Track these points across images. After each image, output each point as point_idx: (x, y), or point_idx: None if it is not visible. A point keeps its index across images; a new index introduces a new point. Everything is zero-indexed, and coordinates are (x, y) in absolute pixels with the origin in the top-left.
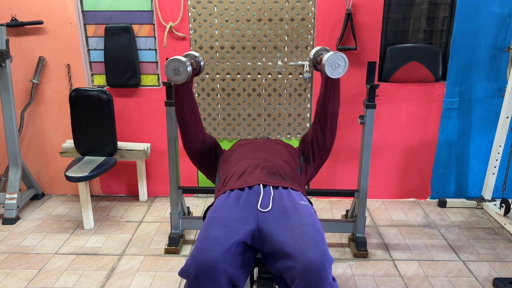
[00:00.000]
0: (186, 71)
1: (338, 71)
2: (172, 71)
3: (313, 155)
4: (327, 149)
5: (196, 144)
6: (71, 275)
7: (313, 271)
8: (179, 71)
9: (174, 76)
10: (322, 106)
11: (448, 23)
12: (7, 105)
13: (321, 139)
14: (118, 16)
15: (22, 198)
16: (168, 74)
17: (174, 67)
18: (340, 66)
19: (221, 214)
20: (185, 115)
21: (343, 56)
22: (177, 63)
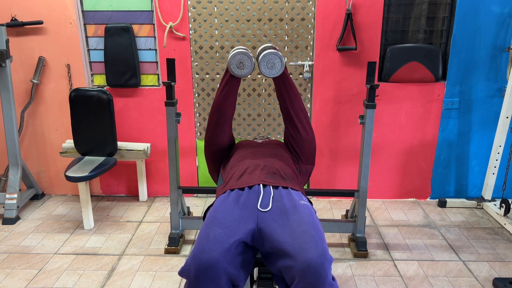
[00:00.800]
0: (251, 67)
1: (274, 71)
2: (237, 63)
3: (296, 152)
4: (306, 141)
5: (222, 138)
6: (71, 275)
7: (313, 270)
8: (244, 65)
9: (237, 69)
10: (281, 103)
11: (448, 23)
12: (7, 105)
13: (295, 135)
14: (118, 16)
15: (22, 198)
16: (231, 65)
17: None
18: (275, 66)
19: (221, 214)
20: (226, 108)
21: (278, 55)
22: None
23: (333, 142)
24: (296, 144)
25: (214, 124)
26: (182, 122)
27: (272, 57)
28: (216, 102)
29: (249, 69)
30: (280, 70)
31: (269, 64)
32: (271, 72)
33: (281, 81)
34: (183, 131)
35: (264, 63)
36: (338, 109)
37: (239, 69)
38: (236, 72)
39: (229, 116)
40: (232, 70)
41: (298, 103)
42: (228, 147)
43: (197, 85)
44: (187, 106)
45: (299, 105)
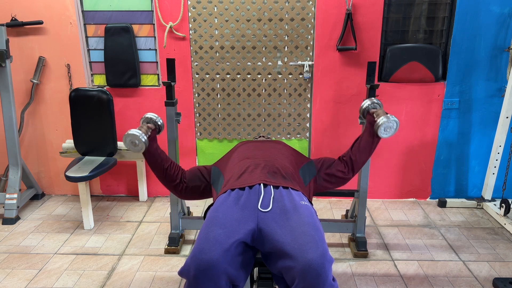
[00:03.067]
0: (142, 142)
1: (389, 133)
2: (130, 144)
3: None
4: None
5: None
6: (71, 275)
7: (313, 271)
8: (136, 143)
9: (134, 148)
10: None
11: (448, 23)
12: (7, 105)
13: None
14: (118, 16)
15: (22, 198)
16: (128, 147)
17: (130, 140)
18: (391, 129)
19: (221, 214)
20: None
21: (396, 121)
22: (131, 137)
23: (333, 142)
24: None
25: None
26: (182, 122)
27: (393, 124)
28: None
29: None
30: (392, 134)
31: (387, 128)
32: (385, 133)
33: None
34: (183, 131)
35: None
36: (338, 109)
37: (135, 146)
38: (135, 150)
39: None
40: (131, 149)
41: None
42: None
43: (197, 85)
44: (187, 106)
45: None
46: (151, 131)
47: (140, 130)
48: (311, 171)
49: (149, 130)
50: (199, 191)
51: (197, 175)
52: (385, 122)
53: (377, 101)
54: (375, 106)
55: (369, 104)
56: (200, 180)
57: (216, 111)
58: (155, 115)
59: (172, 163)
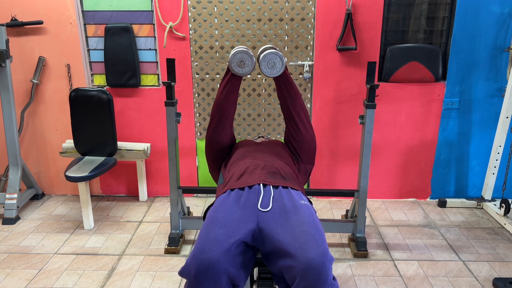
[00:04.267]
0: (251, 66)
1: (274, 70)
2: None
3: (297, 151)
4: (307, 141)
5: (224, 136)
6: (71, 275)
7: (314, 270)
8: (245, 63)
9: (238, 68)
10: (281, 102)
11: (448, 23)
12: (7, 105)
13: (296, 133)
14: (118, 16)
15: (22, 198)
16: (232, 63)
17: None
18: (276, 66)
19: (221, 214)
20: (227, 106)
21: (278, 55)
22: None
23: (333, 142)
24: (296, 143)
25: (216, 123)
26: (182, 122)
27: (272, 57)
28: (218, 101)
29: (250, 68)
30: (280, 70)
31: (270, 64)
32: (272, 71)
33: (282, 80)
34: (183, 131)
35: (265, 63)
36: (338, 109)
37: (240, 67)
38: (237, 70)
39: (230, 115)
40: (233, 68)
41: (299, 102)
42: (229, 146)
43: (197, 85)
44: (187, 106)
45: (300, 104)
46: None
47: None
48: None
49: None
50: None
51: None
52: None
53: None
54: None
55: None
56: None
57: None
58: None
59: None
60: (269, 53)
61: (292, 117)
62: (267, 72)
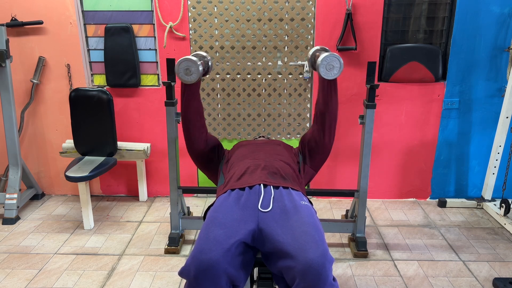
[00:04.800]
0: (198, 71)
1: (332, 73)
2: (184, 70)
3: (312, 155)
4: (326, 149)
5: (199, 144)
6: (71, 275)
7: (314, 270)
8: (190, 71)
9: (185, 76)
10: (321, 107)
11: (448, 23)
12: (7, 105)
13: (320, 139)
14: (118, 16)
15: (22, 198)
16: (179, 74)
17: (185, 66)
18: (334, 68)
19: (221, 214)
20: (190, 116)
21: (337, 58)
22: (189, 63)
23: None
24: (316, 148)
25: (186, 133)
26: None
27: (332, 59)
28: (181, 112)
29: (197, 74)
30: (339, 72)
31: (329, 66)
32: (329, 74)
33: (330, 84)
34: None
35: (324, 64)
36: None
37: (187, 75)
38: (185, 79)
39: (197, 122)
40: (181, 78)
41: (335, 110)
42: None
43: None
44: None
45: (336, 113)
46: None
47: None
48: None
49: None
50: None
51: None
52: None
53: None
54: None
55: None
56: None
57: (216, 111)
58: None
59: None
60: (330, 55)
61: (324, 123)
62: (324, 74)
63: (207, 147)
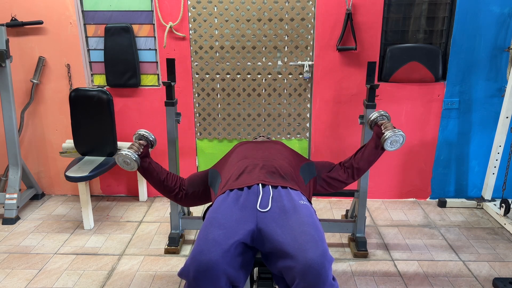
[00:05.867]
0: (133, 160)
1: (395, 146)
2: (123, 163)
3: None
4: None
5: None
6: (71, 275)
7: (313, 270)
8: (128, 162)
9: (127, 166)
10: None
11: (448, 23)
12: (7, 105)
13: (345, 182)
14: (118, 16)
15: (22, 198)
16: (122, 166)
17: (123, 160)
18: (398, 143)
19: (220, 215)
20: (158, 188)
21: (403, 136)
22: (122, 157)
23: (333, 142)
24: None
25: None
26: (182, 122)
27: (399, 136)
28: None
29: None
30: (399, 146)
31: (394, 142)
32: (392, 147)
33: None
34: (183, 131)
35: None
36: (338, 109)
37: (127, 165)
38: (127, 168)
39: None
40: (125, 168)
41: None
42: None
43: (197, 85)
44: (187, 106)
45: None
46: (143, 147)
47: (132, 149)
48: (311, 171)
49: (140, 147)
50: (198, 196)
51: (196, 180)
52: (392, 135)
53: (385, 113)
54: (383, 118)
55: (377, 116)
56: (199, 185)
57: (216, 111)
58: (147, 132)
59: (168, 174)
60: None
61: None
62: (388, 147)
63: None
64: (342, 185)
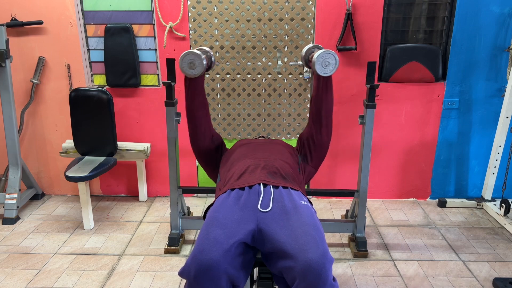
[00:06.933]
0: (202, 65)
1: (328, 69)
2: (187, 64)
3: (310, 153)
4: (324, 146)
5: (204, 141)
6: (71, 275)
7: (314, 271)
8: (194, 64)
9: (189, 70)
10: (316, 104)
11: (448, 23)
12: (7, 105)
13: (317, 136)
14: (118, 16)
15: (22, 198)
16: (183, 68)
17: (189, 60)
18: (330, 64)
19: (221, 214)
20: (195, 111)
21: (333, 54)
22: (192, 56)
23: (333, 142)
24: (314, 146)
25: (191, 129)
26: (182, 122)
27: (328, 56)
28: (186, 108)
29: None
30: (334, 69)
31: (325, 63)
32: (325, 70)
33: (326, 81)
34: (183, 131)
35: (320, 61)
36: (338, 109)
37: (191, 69)
38: (189, 72)
39: (202, 118)
40: (185, 71)
41: (331, 106)
42: (215, 148)
43: None
44: None
45: (331, 110)
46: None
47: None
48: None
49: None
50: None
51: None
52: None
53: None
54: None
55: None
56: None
57: (216, 111)
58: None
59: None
60: (325, 52)
61: (320, 120)
62: (320, 70)
63: (213, 144)
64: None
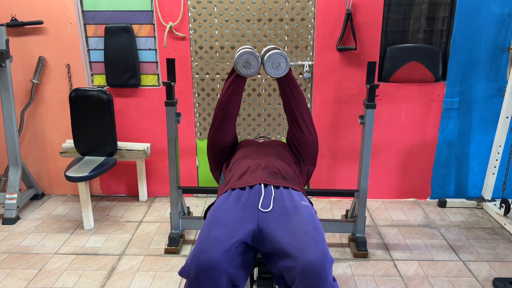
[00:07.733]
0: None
1: (279, 70)
2: (243, 63)
3: (299, 153)
4: (309, 141)
5: (227, 137)
6: (71, 275)
7: (314, 271)
8: (251, 64)
9: (243, 69)
10: (285, 104)
11: (448, 23)
12: (7, 105)
13: (299, 135)
14: (118, 16)
15: (22, 198)
16: (237, 64)
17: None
18: (281, 65)
19: (221, 214)
20: (232, 106)
21: (283, 55)
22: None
23: (333, 142)
24: (299, 145)
25: (219, 123)
26: (182, 122)
27: (277, 57)
28: (221, 101)
29: (255, 69)
30: (285, 70)
31: (275, 64)
32: (277, 72)
33: (286, 81)
34: (183, 131)
35: (270, 63)
36: (338, 109)
37: (245, 68)
38: (242, 71)
39: (233, 115)
40: (239, 69)
41: (302, 103)
42: (231, 146)
43: (197, 85)
44: (187, 106)
45: (304, 105)
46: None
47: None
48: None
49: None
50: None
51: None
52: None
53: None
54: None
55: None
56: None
57: None
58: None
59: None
60: (274, 53)
61: (295, 119)
62: (272, 72)
63: (232, 141)
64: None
